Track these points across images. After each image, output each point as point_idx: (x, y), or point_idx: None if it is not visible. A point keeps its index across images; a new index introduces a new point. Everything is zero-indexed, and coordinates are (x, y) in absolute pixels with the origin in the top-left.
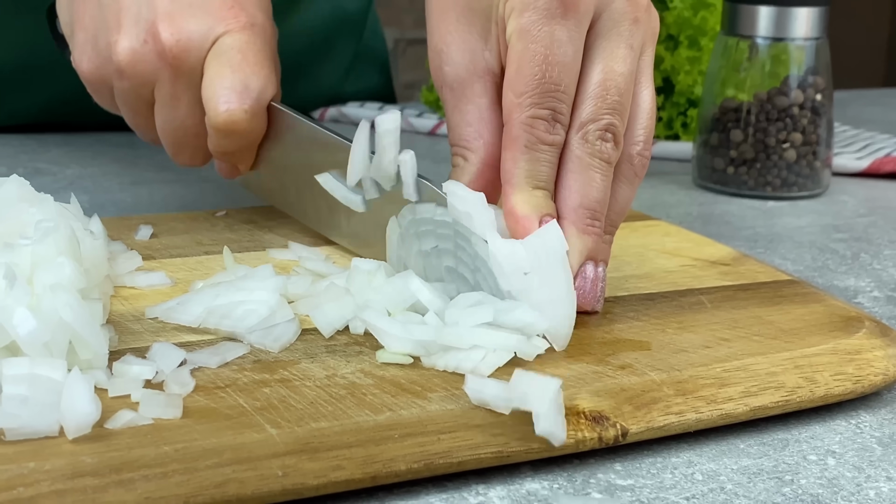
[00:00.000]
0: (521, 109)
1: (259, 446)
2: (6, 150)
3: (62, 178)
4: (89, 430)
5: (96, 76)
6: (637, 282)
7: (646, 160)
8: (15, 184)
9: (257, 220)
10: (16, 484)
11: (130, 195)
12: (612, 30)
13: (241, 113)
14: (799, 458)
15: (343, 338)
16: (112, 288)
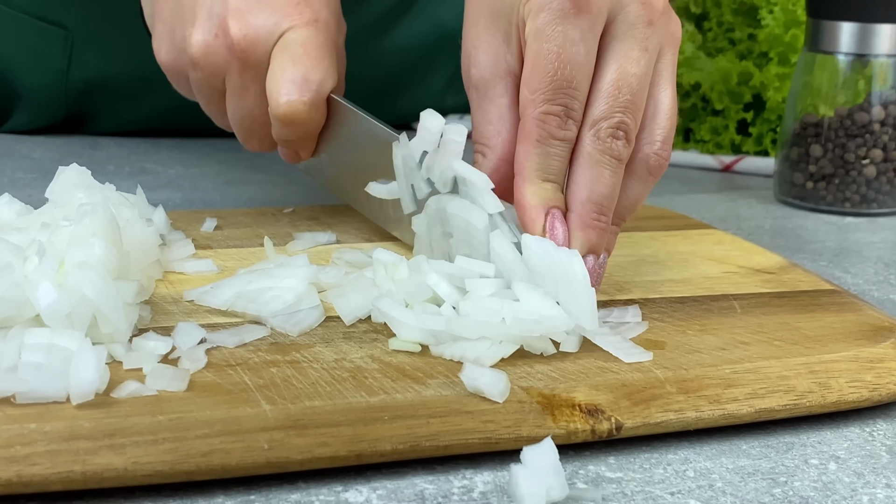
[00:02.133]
0: (535, 105)
1: (250, 420)
2: (121, 151)
3: (164, 176)
4: (93, 397)
5: (173, 66)
6: (673, 285)
7: (663, 160)
8: (74, 172)
9: (320, 217)
10: (14, 443)
11: (221, 193)
12: (626, 32)
13: (301, 104)
14: (800, 462)
15: (364, 326)
16: (161, 272)
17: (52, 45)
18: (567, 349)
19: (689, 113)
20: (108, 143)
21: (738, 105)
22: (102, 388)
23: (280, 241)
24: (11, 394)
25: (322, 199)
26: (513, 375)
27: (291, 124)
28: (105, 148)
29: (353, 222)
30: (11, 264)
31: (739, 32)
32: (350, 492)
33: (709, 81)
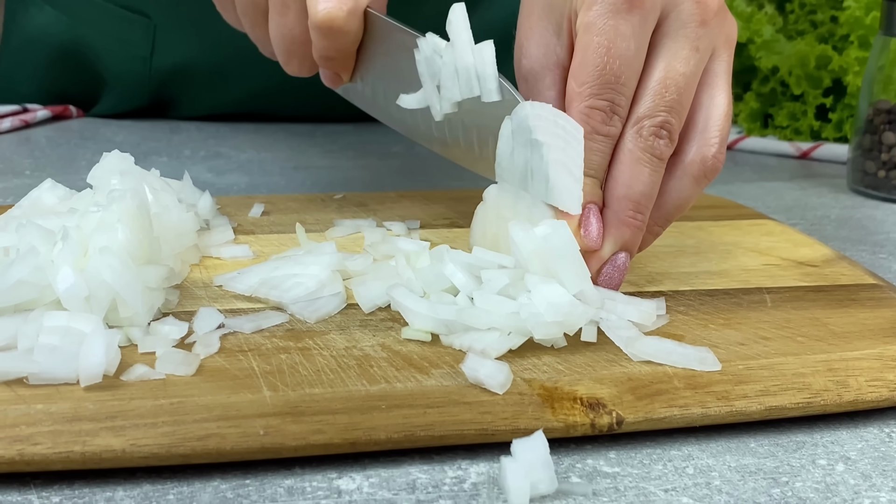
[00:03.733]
0: (581, 99)
1: (249, 406)
2: (200, 136)
3: (235, 161)
4: (100, 380)
5: None
6: (707, 278)
7: (718, 163)
8: (116, 158)
9: (368, 203)
10: (20, 422)
11: (286, 178)
12: (678, 31)
13: (339, 11)
14: (807, 462)
15: (382, 314)
16: (198, 256)
17: (136, 33)
18: (588, 339)
19: (768, 98)
20: (188, 127)
21: (818, 90)
22: (112, 370)
23: (322, 228)
24: (25, 375)
25: (379, 186)
26: (518, 367)
27: (330, 34)
28: (185, 132)
29: (400, 209)
30: (36, 248)
31: (822, 14)
32: (343, 479)
33: (787, 65)
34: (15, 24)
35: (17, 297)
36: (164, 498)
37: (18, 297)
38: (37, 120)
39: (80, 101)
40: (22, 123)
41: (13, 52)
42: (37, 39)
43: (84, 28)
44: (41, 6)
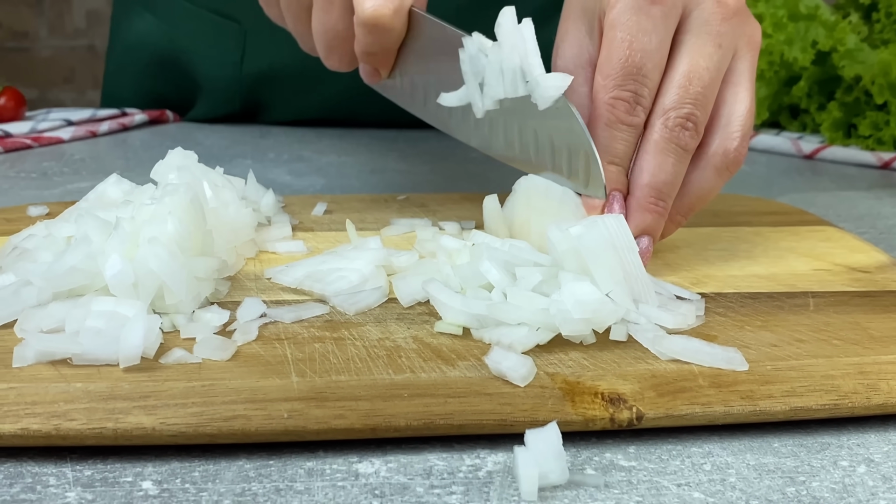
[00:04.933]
0: (606, 91)
1: (276, 390)
2: (286, 140)
3: (315, 164)
4: (138, 362)
5: None
6: (754, 281)
7: (740, 156)
8: (179, 155)
9: (429, 204)
10: (59, 399)
11: (361, 181)
12: (700, 27)
13: (385, 10)
14: (828, 463)
15: (420, 308)
16: (255, 250)
17: (228, 39)
18: (617, 337)
19: (852, 107)
20: (276, 132)
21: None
22: (151, 353)
23: (380, 226)
24: (69, 355)
25: (451, 189)
26: (544, 361)
27: (375, 31)
28: (273, 136)
29: (459, 210)
30: (89, 237)
31: None
32: (363, 463)
33: (870, 74)
34: (118, 32)
35: (70, 282)
36: (190, 475)
37: (71, 283)
38: (134, 123)
39: (177, 106)
40: (120, 127)
41: (116, 59)
42: (137, 46)
43: (180, 34)
44: (141, 14)
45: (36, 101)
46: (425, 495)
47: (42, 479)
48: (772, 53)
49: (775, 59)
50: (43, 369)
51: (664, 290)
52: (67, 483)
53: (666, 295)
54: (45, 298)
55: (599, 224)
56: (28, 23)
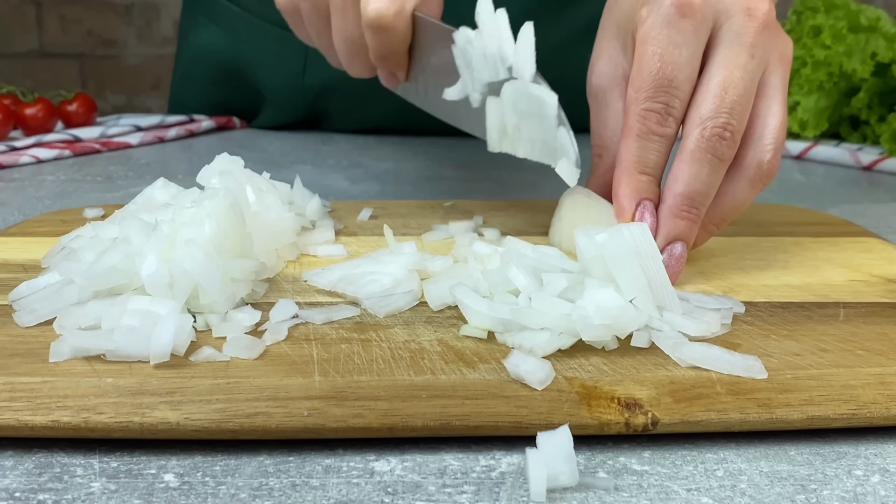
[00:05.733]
0: (637, 103)
1: (298, 389)
2: (347, 147)
3: (372, 170)
4: (168, 359)
5: (287, 4)
6: (786, 290)
7: (774, 168)
8: (224, 161)
9: (474, 210)
10: (89, 393)
11: (415, 187)
12: (733, 39)
13: (386, 11)
14: (842, 472)
15: (450, 312)
16: (297, 253)
17: (291, 51)
18: (638, 344)
19: None
20: (339, 139)
21: None
22: (181, 351)
23: (422, 232)
24: (103, 352)
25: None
26: (565, 365)
27: (379, 32)
28: (334, 144)
29: (502, 217)
30: (129, 238)
31: None
32: (380, 461)
33: None
34: (186, 42)
35: (109, 281)
36: (212, 468)
37: (110, 282)
38: (201, 130)
39: (243, 113)
40: (187, 133)
41: (183, 68)
42: (203, 56)
43: (245, 45)
44: (207, 25)
45: (123, 107)
46: (436, 494)
47: (70, 469)
48: (831, 65)
49: (834, 71)
50: (77, 364)
51: (692, 299)
52: (93, 474)
53: (694, 303)
54: (86, 297)
55: (624, 232)
56: (117, 31)
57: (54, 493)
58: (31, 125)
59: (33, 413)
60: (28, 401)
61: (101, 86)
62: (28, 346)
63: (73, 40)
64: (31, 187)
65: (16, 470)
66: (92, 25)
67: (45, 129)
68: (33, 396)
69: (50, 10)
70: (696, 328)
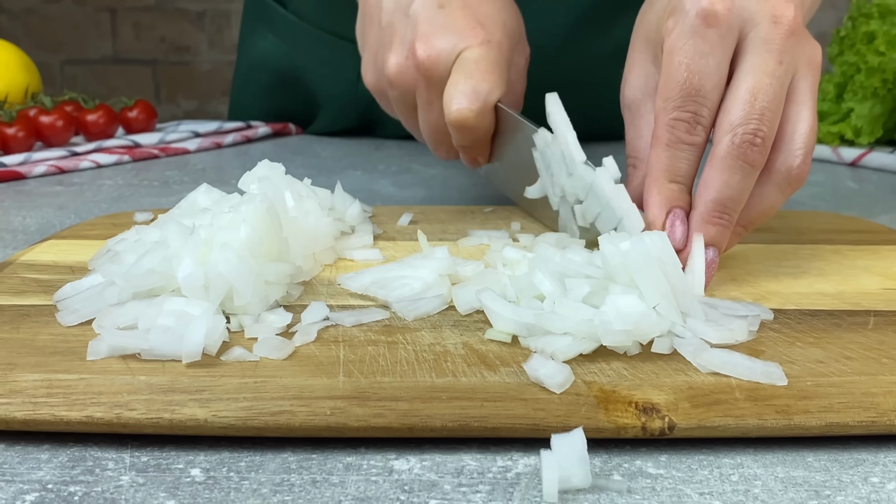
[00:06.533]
0: (666, 113)
1: (322, 389)
2: (399, 153)
3: (420, 176)
4: (200, 358)
5: (376, 87)
6: (818, 299)
7: (803, 174)
8: (265, 167)
9: (513, 217)
10: (122, 390)
11: (461, 193)
12: (760, 46)
13: (469, 112)
14: (858, 478)
15: (478, 316)
16: (333, 257)
17: (344, 59)
18: (659, 350)
19: None
20: (391, 145)
21: None
22: (213, 350)
23: (460, 237)
24: (138, 351)
25: None
26: (585, 370)
27: (462, 129)
28: (386, 149)
29: (539, 223)
30: (167, 241)
31: None
32: (400, 460)
33: None
34: (245, 50)
35: (148, 283)
36: (237, 464)
37: (149, 284)
38: (258, 136)
39: (299, 119)
40: (244, 139)
41: (242, 76)
42: (261, 64)
43: (301, 53)
44: (265, 34)
45: (195, 112)
46: (451, 493)
47: (102, 462)
48: (885, 71)
49: (889, 77)
50: (113, 363)
51: (721, 306)
52: (124, 467)
53: (722, 310)
54: (126, 298)
55: (646, 240)
56: (189, 38)
57: (85, 485)
58: (92, 131)
59: (69, 408)
60: (64, 397)
61: (174, 91)
62: (68, 345)
63: (146, 47)
64: (89, 191)
65: (50, 463)
66: (165, 32)
67: (106, 134)
68: (69, 392)
69: (124, 18)
70: (717, 335)
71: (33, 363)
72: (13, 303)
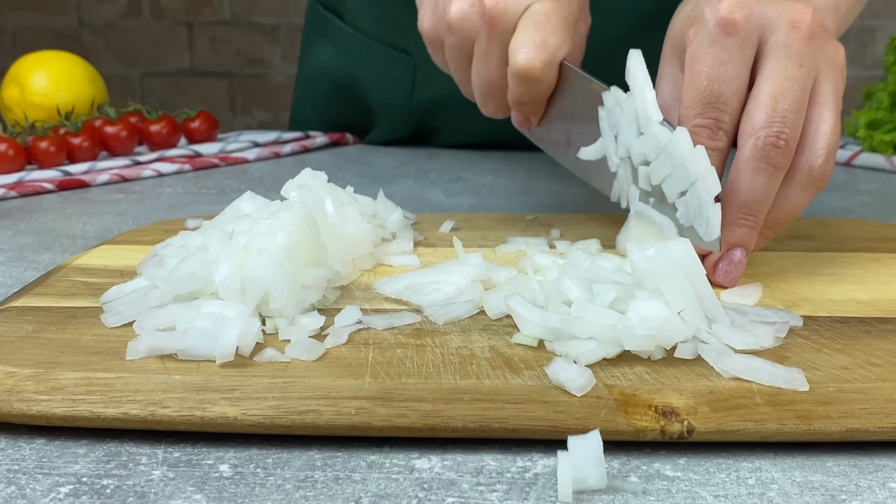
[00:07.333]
0: (688, 120)
1: (348, 389)
2: (451, 161)
3: (470, 184)
4: (233, 358)
5: (433, 34)
6: (851, 306)
7: (826, 173)
8: (307, 175)
9: (555, 224)
10: (157, 388)
11: (509, 201)
12: (780, 51)
13: (537, 61)
14: (876, 483)
15: (507, 321)
16: (372, 263)
17: (400, 69)
18: (683, 355)
19: None
20: (444, 154)
21: None
22: (247, 351)
23: (497, 244)
24: (174, 351)
25: (594, 210)
26: (608, 373)
27: (526, 81)
28: (439, 158)
29: (581, 230)
30: (206, 246)
31: None
32: (422, 459)
33: None
34: (305, 62)
35: (187, 286)
36: (264, 461)
37: (188, 287)
38: (315, 146)
39: (357, 129)
40: (302, 149)
41: (302, 87)
42: (320, 75)
43: (357, 65)
44: (324, 46)
45: (269, 123)
46: (469, 491)
47: (136, 457)
48: None
49: None
50: (151, 362)
51: (750, 312)
52: (156, 463)
53: (751, 316)
54: (167, 300)
55: (670, 247)
56: (264, 51)
57: (117, 478)
58: (155, 141)
59: (106, 405)
60: (102, 394)
61: (249, 103)
62: (110, 345)
63: (222, 60)
64: (149, 199)
65: (87, 457)
66: (240, 45)
67: (168, 144)
68: (107, 390)
69: (201, 32)
70: (742, 341)
71: (75, 362)
72: (62, 305)
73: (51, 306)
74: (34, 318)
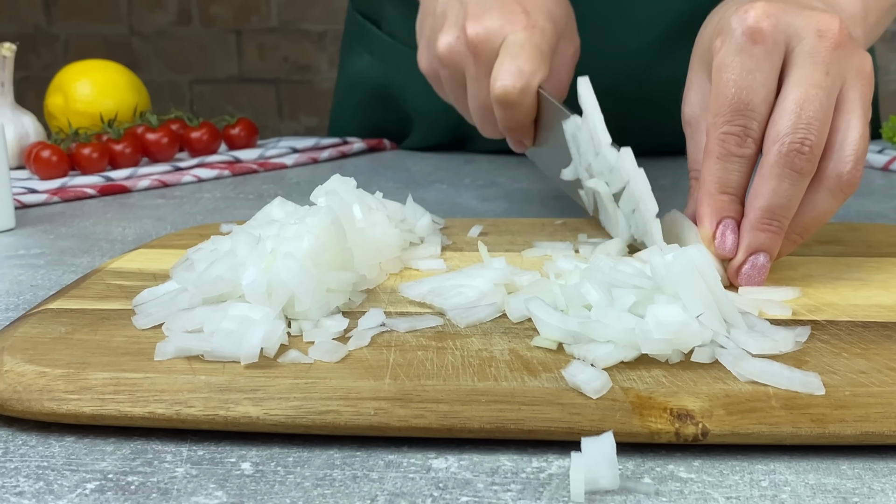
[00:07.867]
0: (717, 127)
1: (368, 390)
2: (488, 167)
3: (504, 189)
4: (257, 360)
5: (430, 70)
6: (874, 311)
7: (855, 179)
8: (336, 181)
9: (583, 229)
10: (183, 388)
11: (541, 206)
12: (806, 59)
13: (512, 89)
14: (889, 487)
15: (528, 324)
16: (399, 267)
17: None
18: (700, 359)
19: None
20: (481, 159)
21: None
22: (272, 353)
23: (525, 249)
24: (201, 352)
25: None
26: (625, 376)
27: (506, 107)
28: (476, 164)
29: (606, 234)
30: (235, 250)
31: None
32: (439, 459)
33: None
34: (343, 69)
35: (215, 289)
36: (285, 459)
37: (216, 290)
38: (353, 151)
39: (394, 135)
40: (339, 154)
41: (341, 94)
42: (358, 82)
43: (394, 72)
44: (361, 54)
45: (316, 129)
46: (483, 491)
47: (161, 455)
48: None
49: None
50: (178, 363)
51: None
52: (180, 460)
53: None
54: (196, 303)
55: (688, 253)
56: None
57: (142, 475)
58: (196, 147)
59: (133, 405)
60: (129, 394)
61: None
62: (139, 346)
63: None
64: (188, 204)
65: (114, 455)
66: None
67: (209, 150)
68: (134, 390)
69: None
70: (760, 346)
71: (105, 362)
72: (96, 307)
73: (84, 308)
74: (68, 319)
